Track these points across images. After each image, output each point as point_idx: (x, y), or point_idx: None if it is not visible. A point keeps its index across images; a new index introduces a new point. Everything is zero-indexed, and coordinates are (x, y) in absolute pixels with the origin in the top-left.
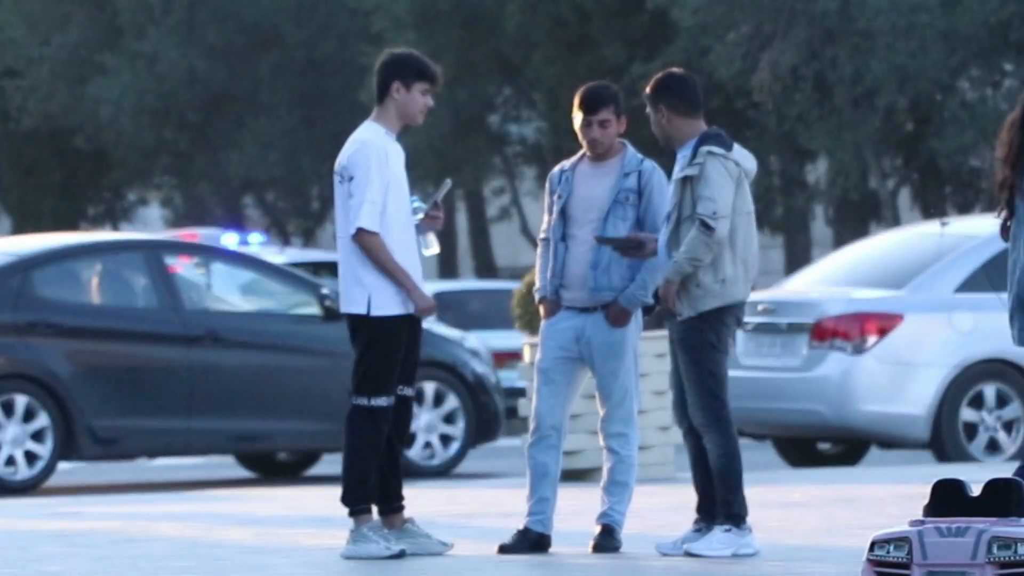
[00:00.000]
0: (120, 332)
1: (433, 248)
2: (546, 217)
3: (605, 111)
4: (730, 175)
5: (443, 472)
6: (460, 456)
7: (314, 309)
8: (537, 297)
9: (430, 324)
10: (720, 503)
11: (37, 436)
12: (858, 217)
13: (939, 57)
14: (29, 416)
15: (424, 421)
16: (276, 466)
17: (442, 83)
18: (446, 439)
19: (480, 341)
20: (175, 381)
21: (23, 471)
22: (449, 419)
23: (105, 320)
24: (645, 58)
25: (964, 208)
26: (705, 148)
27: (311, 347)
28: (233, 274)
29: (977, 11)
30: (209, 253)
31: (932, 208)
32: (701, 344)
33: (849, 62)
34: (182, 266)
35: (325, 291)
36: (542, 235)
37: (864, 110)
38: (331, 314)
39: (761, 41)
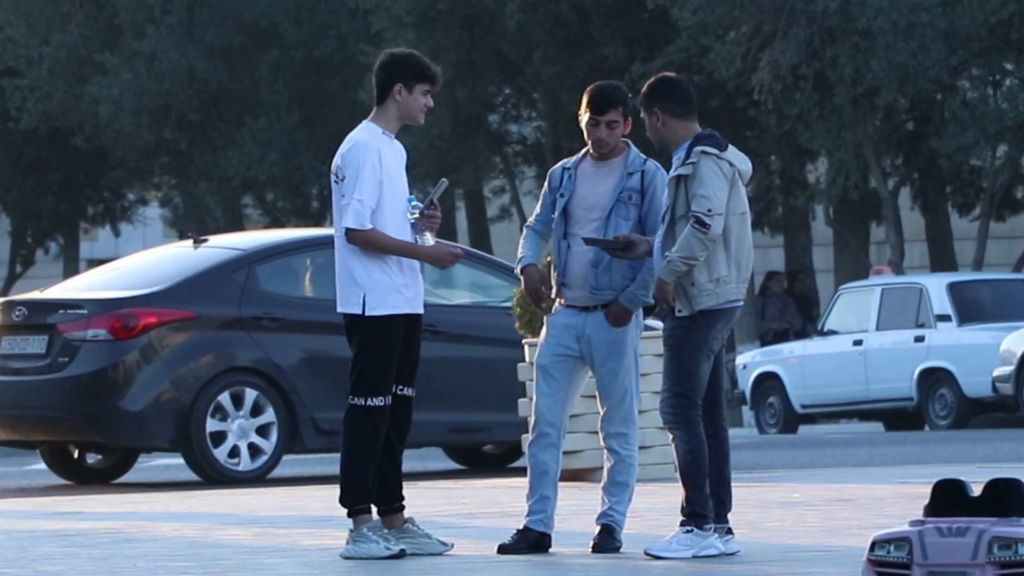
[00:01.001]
0: (341, 326)
1: None
2: (538, 209)
3: (613, 112)
4: (724, 174)
5: None
6: None
7: None
8: (519, 267)
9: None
10: (684, 501)
11: (262, 429)
12: (858, 217)
13: (939, 57)
14: (255, 409)
15: None
16: (483, 458)
17: (441, 83)
18: None
19: None
20: None
21: (248, 463)
22: None
23: (327, 314)
24: (645, 58)
25: (965, 208)
26: (699, 148)
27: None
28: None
29: (977, 10)
30: None
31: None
32: (687, 342)
33: (849, 62)
34: None
35: None
36: (529, 223)
37: (864, 110)
38: None
39: (761, 41)
